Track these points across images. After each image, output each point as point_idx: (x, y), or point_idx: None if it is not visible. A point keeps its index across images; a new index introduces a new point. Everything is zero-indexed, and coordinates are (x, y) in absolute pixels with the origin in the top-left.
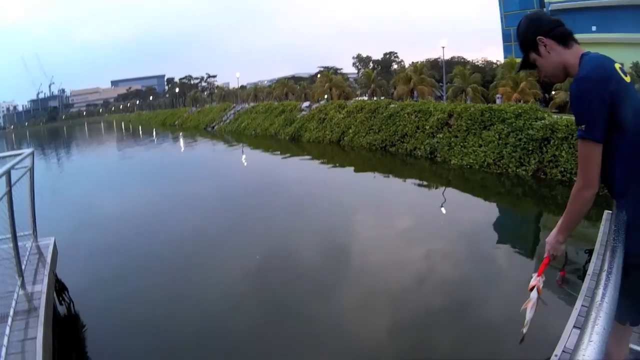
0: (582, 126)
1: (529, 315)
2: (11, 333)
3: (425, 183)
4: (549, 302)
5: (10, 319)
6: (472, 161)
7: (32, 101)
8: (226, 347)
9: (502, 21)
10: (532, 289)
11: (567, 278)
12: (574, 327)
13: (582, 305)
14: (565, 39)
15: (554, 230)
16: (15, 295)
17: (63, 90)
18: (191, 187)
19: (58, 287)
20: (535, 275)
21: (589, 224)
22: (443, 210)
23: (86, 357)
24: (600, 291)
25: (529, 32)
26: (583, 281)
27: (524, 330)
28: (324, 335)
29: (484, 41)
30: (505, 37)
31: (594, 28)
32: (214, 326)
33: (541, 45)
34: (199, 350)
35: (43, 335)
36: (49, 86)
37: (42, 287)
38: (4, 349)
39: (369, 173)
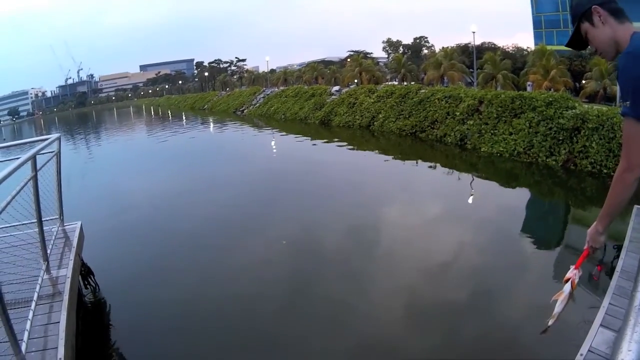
0: (627, 103)
1: (558, 307)
2: (34, 317)
3: (454, 170)
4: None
5: (34, 303)
6: (502, 149)
7: (61, 87)
8: (257, 336)
9: (532, 7)
10: (566, 281)
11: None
12: (601, 325)
13: (610, 304)
14: (619, 13)
15: (595, 221)
16: (40, 279)
17: (92, 76)
18: (221, 170)
19: (84, 271)
20: (572, 267)
21: (617, 218)
22: (471, 199)
23: (110, 340)
24: (638, 294)
25: (584, 0)
26: (611, 278)
27: (550, 322)
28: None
29: (514, 27)
30: (536, 24)
31: None
32: (243, 310)
33: (596, 15)
34: (225, 334)
35: (67, 319)
36: (78, 72)
37: (67, 272)
38: (26, 333)
39: (399, 159)
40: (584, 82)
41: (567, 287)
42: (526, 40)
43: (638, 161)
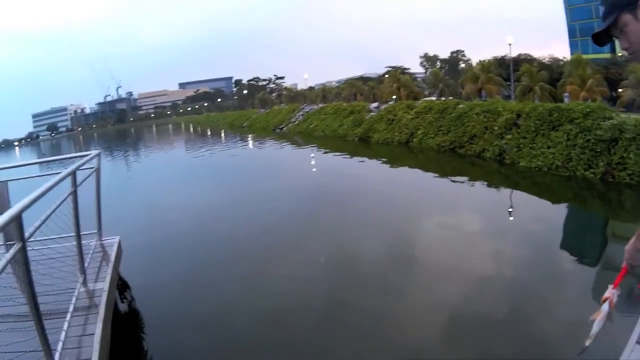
0: None
1: (596, 327)
2: (69, 328)
3: (494, 186)
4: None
5: (69, 315)
6: (540, 163)
7: (100, 104)
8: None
9: (566, 15)
10: (605, 301)
11: None
12: (637, 342)
13: None
14: None
15: (633, 238)
16: (76, 291)
17: (131, 93)
18: (260, 189)
19: (120, 285)
20: (610, 287)
21: None
22: (510, 215)
23: (144, 353)
24: None
25: None
26: None
27: (587, 343)
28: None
29: (549, 37)
30: (571, 33)
31: None
32: (278, 325)
33: None
34: (260, 350)
35: (102, 331)
36: (117, 89)
37: (104, 285)
38: (60, 344)
39: (438, 175)
40: (620, 90)
41: (606, 307)
42: (562, 50)
43: None
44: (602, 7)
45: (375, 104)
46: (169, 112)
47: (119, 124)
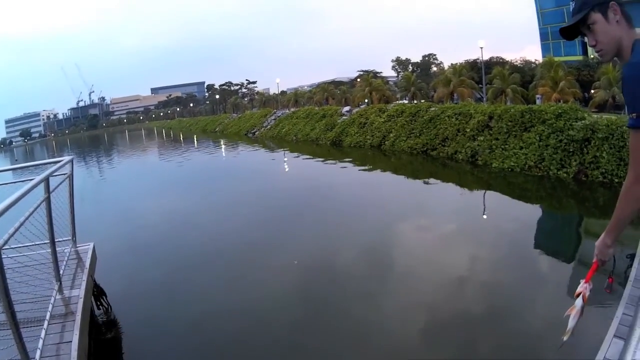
0: (634, 115)
1: (571, 322)
2: (47, 336)
3: (466, 187)
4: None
5: (46, 323)
6: (513, 164)
7: (73, 109)
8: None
9: (538, 19)
10: (578, 296)
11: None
12: (615, 336)
13: (624, 314)
14: (629, 18)
15: (603, 234)
16: (52, 299)
17: (103, 98)
18: (233, 192)
19: (96, 292)
20: (582, 282)
21: (630, 226)
22: (485, 214)
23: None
24: None
25: None
26: (625, 287)
27: (565, 338)
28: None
29: (521, 40)
30: (543, 36)
31: None
32: (254, 327)
33: (612, 10)
34: (238, 354)
35: (79, 339)
36: (89, 94)
37: (79, 292)
38: (38, 352)
39: (410, 177)
40: (592, 91)
41: (579, 302)
42: (534, 53)
43: None
44: (572, 2)
45: (347, 108)
46: (141, 118)
47: (92, 129)
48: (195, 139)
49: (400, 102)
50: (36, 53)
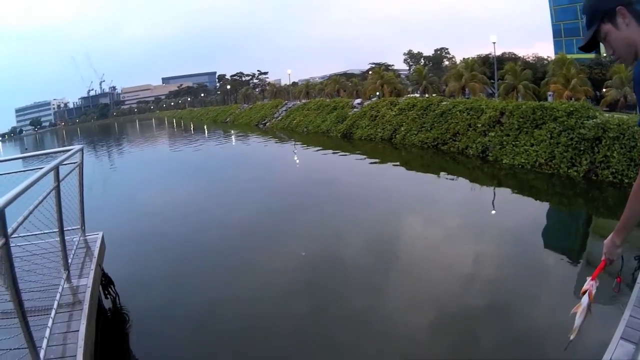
0: None
1: (578, 320)
2: (54, 325)
3: (477, 183)
4: (595, 309)
5: (53, 312)
6: (523, 161)
7: (83, 98)
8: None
9: (552, 15)
10: (584, 293)
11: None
12: (622, 338)
13: (631, 316)
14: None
15: (612, 233)
16: (60, 288)
17: (114, 88)
18: (242, 184)
19: (104, 281)
20: (589, 279)
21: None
22: (494, 210)
23: (129, 349)
24: None
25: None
26: (632, 290)
27: (571, 337)
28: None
29: (534, 36)
30: (556, 32)
31: None
32: (262, 319)
33: (620, 16)
34: (244, 344)
35: (86, 328)
36: (100, 83)
37: (87, 281)
38: (45, 340)
39: (421, 171)
40: (604, 90)
41: (585, 300)
42: (546, 50)
43: None
44: (583, 16)
45: (358, 101)
46: (152, 107)
47: (102, 118)
48: (205, 129)
49: (412, 95)
50: (46, 43)
